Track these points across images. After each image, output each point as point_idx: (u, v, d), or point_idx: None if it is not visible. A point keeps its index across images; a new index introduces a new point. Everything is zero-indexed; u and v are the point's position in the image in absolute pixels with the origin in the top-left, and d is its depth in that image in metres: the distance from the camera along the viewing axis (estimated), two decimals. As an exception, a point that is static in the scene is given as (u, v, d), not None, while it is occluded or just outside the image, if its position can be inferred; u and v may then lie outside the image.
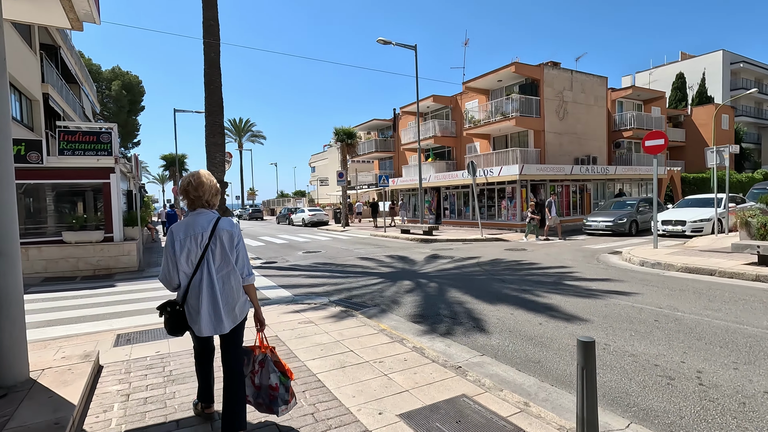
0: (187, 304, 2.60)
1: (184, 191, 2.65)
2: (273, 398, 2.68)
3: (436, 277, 8.64)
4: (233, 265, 2.60)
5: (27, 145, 9.70)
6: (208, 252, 2.55)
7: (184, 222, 2.63)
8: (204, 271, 2.54)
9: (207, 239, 2.56)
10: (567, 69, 24.15)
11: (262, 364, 2.73)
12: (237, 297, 2.62)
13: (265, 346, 2.78)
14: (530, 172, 18.01)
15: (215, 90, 11.70)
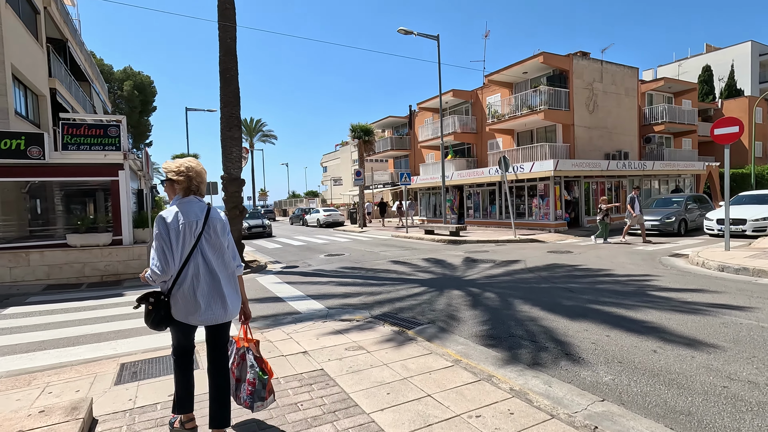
0: (178, 295, 2.49)
1: (186, 176, 2.56)
2: (250, 393, 2.65)
3: (488, 285, 7.52)
4: (227, 255, 2.63)
5: (27, 139, 8.80)
6: (202, 240, 2.52)
7: (175, 210, 2.52)
8: (200, 260, 2.50)
9: (201, 227, 2.52)
10: (597, 59, 22.82)
11: (243, 357, 2.74)
12: (234, 286, 2.66)
13: (248, 339, 2.81)
14: (565, 168, 16.77)
15: (231, 79, 10.72)
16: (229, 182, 10.76)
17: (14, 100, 12.06)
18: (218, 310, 2.53)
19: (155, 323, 2.52)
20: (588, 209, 18.80)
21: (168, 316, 2.51)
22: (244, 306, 2.78)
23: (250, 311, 2.86)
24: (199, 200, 2.62)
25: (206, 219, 2.54)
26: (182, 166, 2.57)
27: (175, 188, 2.58)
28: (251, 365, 2.68)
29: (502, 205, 20.32)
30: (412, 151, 36.12)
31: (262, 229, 21.76)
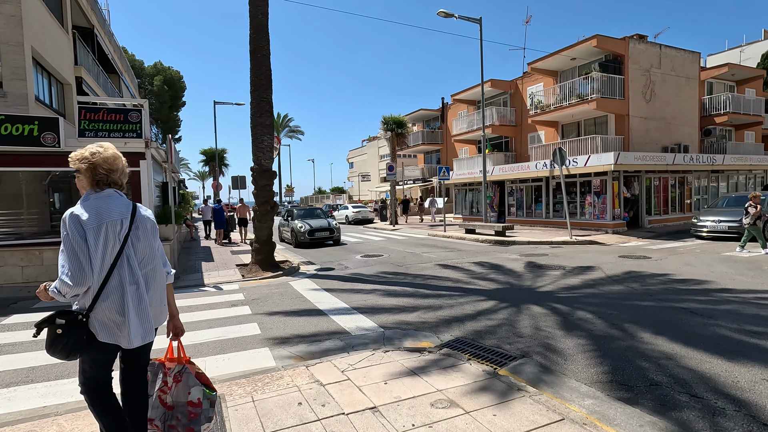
0: (101, 312, 2.01)
1: (89, 164, 2.14)
2: (194, 416, 2.31)
3: (573, 300, 6.11)
4: (158, 261, 2.24)
5: (41, 125, 7.94)
6: (128, 244, 2.10)
7: (91, 206, 2.07)
8: (125, 268, 2.08)
9: (127, 228, 2.10)
10: (655, 43, 20.74)
11: (179, 377, 2.34)
12: (162, 299, 2.27)
13: (181, 357, 2.41)
14: (627, 162, 14.99)
15: (263, 59, 9.62)
16: (260, 174, 9.69)
17: (36, 87, 11.37)
18: (149, 326, 2.16)
19: (67, 351, 1.99)
20: (649, 208, 16.91)
21: (87, 340, 2.00)
22: (174, 320, 2.40)
23: (182, 326, 2.44)
24: (121, 195, 2.20)
25: (132, 219, 2.14)
26: (86, 152, 2.17)
27: (81, 180, 2.16)
28: (194, 384, 2.33)
29: (549, 203, 18.66)
30: (444, 146, 34.60)
31: (329, 234, 14.69)
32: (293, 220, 15.24)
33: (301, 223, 14.52)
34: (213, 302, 6.72)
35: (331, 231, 14.77)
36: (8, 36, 10.00)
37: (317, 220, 15.11)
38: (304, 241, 14.29)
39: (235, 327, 5.25)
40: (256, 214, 9.84)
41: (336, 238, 15.04)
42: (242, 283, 8.33)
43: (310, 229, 14.32)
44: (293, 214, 15.91)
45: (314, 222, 14.84)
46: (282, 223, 16.80)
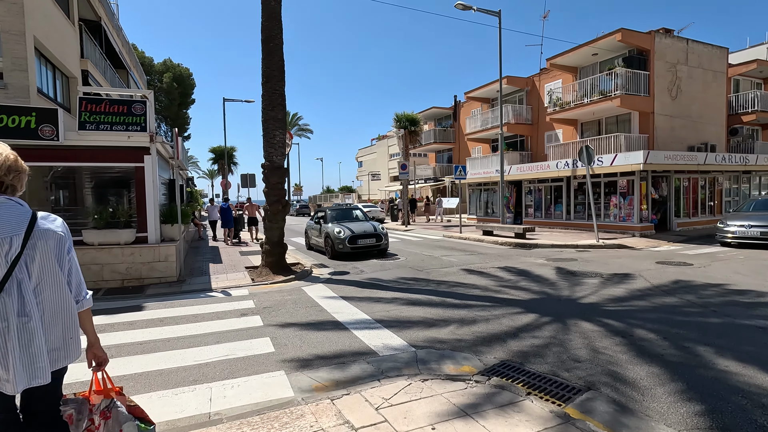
0: None
1: None
2: None
3: (624, 314, 5.42)
4: (62, 284, 1.81)
5: (38, 116, 7.40)
6: (20, 266, 1.69)
7: None
8: (13, 297, 1.67)
9: (19, 247, 1.69)
10: (682, 37, 19.84)
11: (107, 414, 1.96)
12: (68, 331, 1.81)
13: (109, 389, 2.02)
14: (657, 161, 14.17)
15: (275, 48, 9.02)
16: (271, 171, 9.09)
17: (38, 78, 10.89)
18: (36, 369, 1.71)
19: None
20: (678, 210, 16.06)
21: None
22: (94, 348, 1.98)
23: (104, 354, 2.02)
24: (16, 203, 1.76)
25: (28, 234, 1.71)
26: None
27: None
28: (126, 419, 1.97)
29: (569, 204, 17.87)
30: (456, 144, 33.85)
31: (375, 241, 11.42)
32: (327, 223, 12.12)
33: (339, 228, 11.30)
34: (221, 310, 6.12)
35: (378, 237, 11.42)
36: (9, 24, 9.51)
37: (358, 224, 11.98)
38: (344, 250, 11.01)
39: (246, 343, 4.63)
40: (267, 213, 9.25)
41: (384, 247, 11.63)
42: (252, 288, 7.73)
43: (351, 236, 11.06)
44: (326, 216, 12.66)
45: (355, 226, 11.65)
46: (311, 226, 13.45)
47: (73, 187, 9.93)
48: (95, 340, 1.99)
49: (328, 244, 11.53)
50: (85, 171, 8.83)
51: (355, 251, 11.19)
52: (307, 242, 13.85)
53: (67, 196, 10.09)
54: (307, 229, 13.96)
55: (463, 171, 17.58)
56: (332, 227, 11.56)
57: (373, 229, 11.62)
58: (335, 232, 11.25)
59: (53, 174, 9.10)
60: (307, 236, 13.82)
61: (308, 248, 13.54)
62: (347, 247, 11.03)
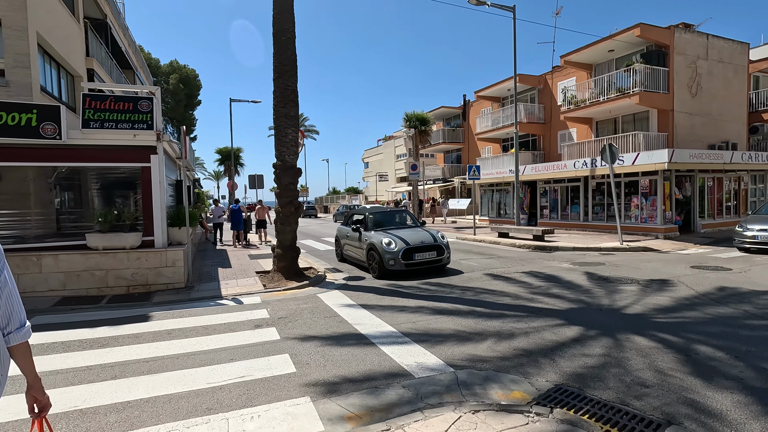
0: None
1: None
2: None
3: (680, 328, 4.90)
4: None
5: (40, 114, 7.00)
6: None
7: None
8: None
9: None
10: (702, 32, 19.19)
11: None
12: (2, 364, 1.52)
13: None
14: (682, 160, 13.59)
15: (287, 42, 8.59)
16: (283, 171, 8.65)
17: (42, 77, 10.54)
18: None
19: None
20: (702, 211, 15.44)
21: None
22: (34, 391, 1.63)
23: (46, 398, 1.67)
24: None
25: None
26: None
27: None
28: None
29: (587, 205, 17.29)
30: (465, 145, 33.32)
31: (436, 255, 8.83)
32: (368, 231, 9.49)
33: (388, 238, 8.66)
34: (233, 321, 5.67)
35: (439, 249, 8.77)
36: (11, 19, 9.16)
37: (410, 232, 9.23)
38: (396, 268, 8.38)
39: (263, 361, 4.17)
40: (279, 216, 8.80)
41: (446, 262, 9.02)
42: (264, 295, 7.28)
43: (405, 248, 8.43)
44: (366, 221, 9.87)
45: (408, 234, 8.98)
46: (345, 234, 10.64)
47: (79, 189, 9.52)
48: (35, 381, 1.66)
49: (373, 259, 8.75)
50: (90, 172, 8.42)
51: (411, 268, 8.47)
52: (338, 252, 11.29)
53: (72, 198, 9.70)
54: (338, 237, 11.24)
55: (477, 171, 17.07)
56: (378, 237, 8.82)
57: (431, 238, 8.86)
58: (383, 244, 8.53)
59: (57, 175, 8.72)
60: (339, 244, 11.20)
61: (340, 259, 11.05)
62: (400, 264, 8.37)
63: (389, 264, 8.45)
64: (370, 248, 8.92)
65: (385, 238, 8.73)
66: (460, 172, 33.64)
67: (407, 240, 8.72)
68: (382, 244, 8.60)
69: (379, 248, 8.60)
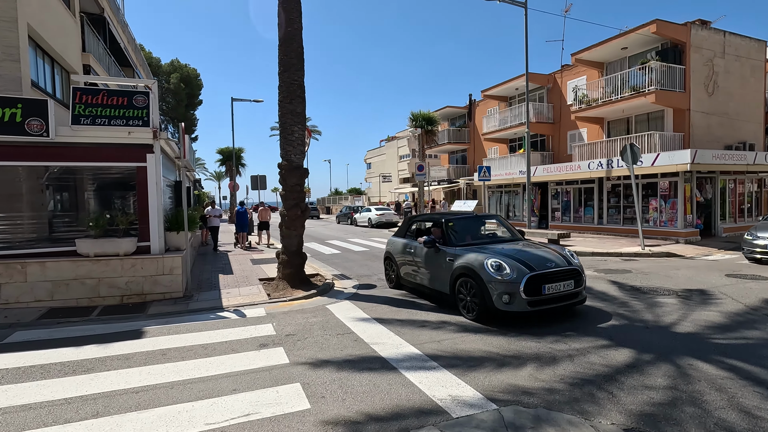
0: None
1: None
2: None
3: (749, 352, 4.30)
4: None
5: (25, 108, 6.43)
6: None
7: None
8: None
9: None
10: (719, 29, 18.61)
11: None
12: None
13: None
14: (705, 161, 12.99)
15: (293, 34, 8.02)
16: (289, 172, 8.07)
17: (35, 71, 9.98)
18: None
19: None
20: (723, 214, 14.83)
21: None
22: None
23: None
24: None
25: None
26: None
27: None
28: None
29: (602, 207, 16.70)
30: (471, 145, 32.73)
31: (574, 287, 5.56)
32: (451, 246, 6.38)
33: (496, 258, 5.59)
34: (235, 339, 5.08)
35: (577, 278, 5.66)
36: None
37: (520, 248, 6.12)
38: (513, 308, 5.30)
39: (271, 392, 3.58)
40: (284, 219, 8.22)
41: (583, 296, 5.88)
42: (269, 307, 6.70)
43: (529, 275, 5.34)
44: (447, 232, 6.65)
45: (523, 253, 5.88)
46: (405, 250, 7.49)
47: (74, 191, 8.94)
48: None
49: (468, 291, 5.69)
50: (85, 172, 7.81)
51: (538, 309, 5.32)
52: (391, 275, 7.96)
53: (66, 200, 9.11)
54: (390, 254, 8.04)
55: (488, 172, 16.50)
56: (476, 256, 5.74)
57: (561, 258, 5.76)
58: (489, 268, 5.43)
59: (49, 175, 8.14)
60: (392, 264, 7.93)
61: (395, 285, 7.84)
62: (521, 301, 5.21)
63: (501, 300, 5.23)
64: (462, 274, 5.77)
65: (490, 257, 5.57)
66: (466, 173, 33.05)
67: (527, 261, 5.50)
68: (486, 267, 5.43)
69: (481, 274, 5.43)
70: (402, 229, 8.16)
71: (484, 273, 5.46)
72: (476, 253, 5.85)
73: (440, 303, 6.53)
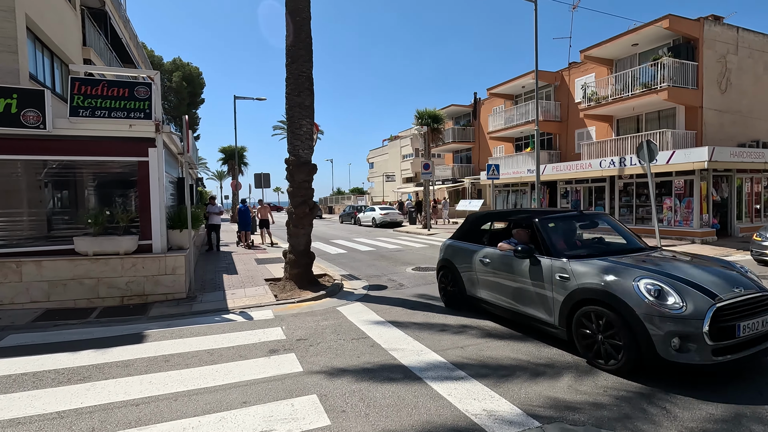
0: None
1: None
2: None
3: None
4: None
5: (21, 99, 6.11)
6: None
7: None
8: None
9: None
10: (732, 25, 18.24)
11: None
12: None
13: None
14: (723, 159, 12.62)
15: (302, 23, 7.68)
16: (297, 168, 7.73)
17: (33, 64, 9.67)
18: None
19: None
20: (740, 213, 14.46)
21: None
22: None
23: None
24: None
25: None
26: None
27: None
28: None
29: (613, 207, 16.34)
30: (476, 144, 32.39)
31: None
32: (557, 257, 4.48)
33: (650, 279, 3.68)
34: (243, 344, 4.74)
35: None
36: (-4, -2, 8.28)
37: (693, 269, 3.97)
38: (695, 361, 3.36)
39: (285, 405, 3.24)
40: (291, 217, 7.89)
41: None
42: (277, 308, 6.36)
43: (714, 308, 3.42)
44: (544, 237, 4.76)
45: (699, 275, 3.81)
46: (472, 258, 5.68)
47: (74, 187, 8.61)
48: None
49: (614, 333, 3.70)
50: (85, 168, 7.50)
51: (727, 359, 3.41)
52: (452, 288, 6.05)
53: (66, 197, 8.78)
54: (451, 262, 6.13)
55: (497, 170, 16.16)
56: (614, 276, 3.87)
57: (751, 282, 3.90)
58: (646, 295, 3.59)
59: (48, 171, 7.81)
60: (450, 275, 6.09)
61: (455, 302, 6.02)
62: (705, 350, 3.36)
63: (669, 347, 3.41)
64: (589, 300, 3.95)
65: (642, 276, 3.76)
66: (470, 172, 32.71)
67: (699, 283, 3.67)
68: (639, 293, 3.61)
69: (630, 304, 3.61)
70: (465, 230, 6.29)
71: (636, 302, 3.54)
72: (611, 270, 3.92)
73: (541, 335, 4.74)
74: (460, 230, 6.44)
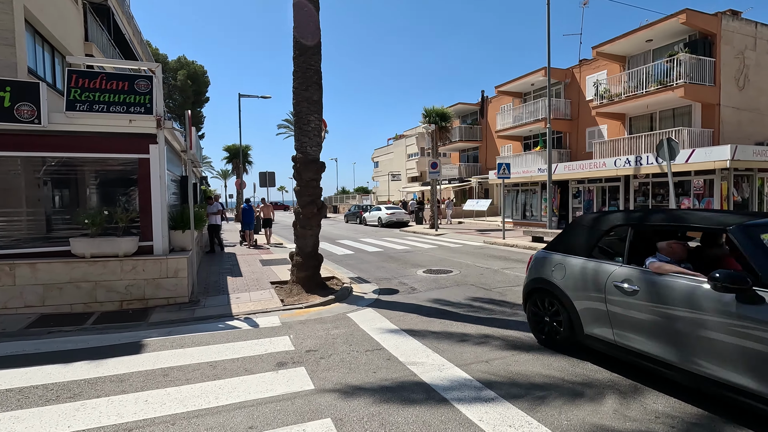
0: None
1: None
2: None
3: None
4: None
5: (14, 92, 5.77)
6: None
7: None
8: None
9: None
10: (750, 20, 17.70)
11: None
12: None
13: None
14: (746, 157, 12.15)
15: (309, 15, 7.31)
16: (305, 166, 7.37)
17: (32, 59, 9.36)
18: None
19: None
20: (760, 215, 13.97)
21: None
22: None
23: None
24: None
25: None
26: None
27: None
28: None
29: (627, 207, 15.86)
30: (483, 143, 31.99)
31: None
32: None
33: None
34: (248, 355, 4.38)
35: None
36: (-8, -11, 7.97)
37: None
38: None
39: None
40: (298, 217, 7.53)
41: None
42: (284, 315, 6.00)
43: None
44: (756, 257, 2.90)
45: None
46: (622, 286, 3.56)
47: (74, 185, 8.29)
48: None
49: None
50: (84, 165, 7.16)
51: None
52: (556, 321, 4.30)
53: (65, 196, 8.45)
54: (556, 285, 4.26)
55: (507, 169, 15.73)
56: None
57: None
58: None
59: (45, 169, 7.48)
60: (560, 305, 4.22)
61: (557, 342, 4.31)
62: None
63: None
64: None
65: None
66: (477, 171, 32.27)
67: None
68: None
69: None
70: (573, 238, 4.38)
71: None
72: None
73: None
74: (564, 238, 4.53)
